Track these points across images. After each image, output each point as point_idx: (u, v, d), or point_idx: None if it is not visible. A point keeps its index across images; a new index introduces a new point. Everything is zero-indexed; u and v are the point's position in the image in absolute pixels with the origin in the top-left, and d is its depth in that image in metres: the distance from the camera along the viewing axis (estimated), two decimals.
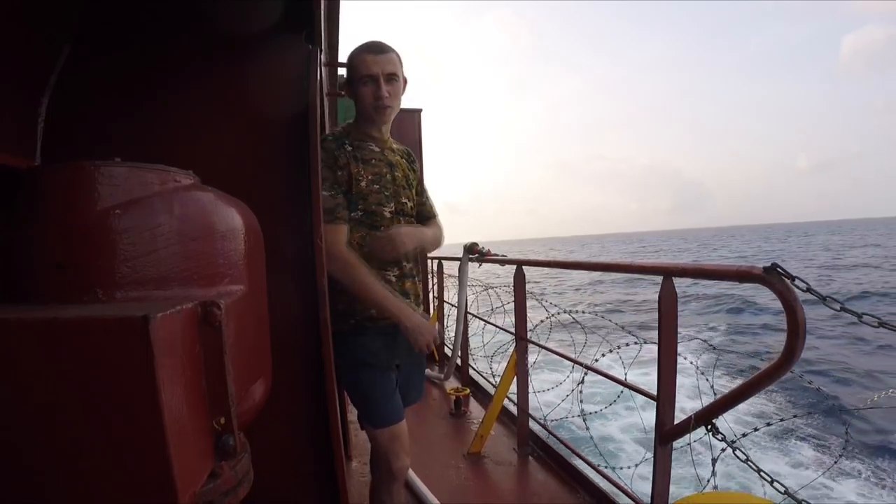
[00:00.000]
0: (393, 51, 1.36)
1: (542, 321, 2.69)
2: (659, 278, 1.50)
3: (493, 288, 3.84)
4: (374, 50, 1.34)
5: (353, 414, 2.82)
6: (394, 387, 1.39)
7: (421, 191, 1.54)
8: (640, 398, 1.73)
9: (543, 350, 2.53)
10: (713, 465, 1.39)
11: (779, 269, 1.07)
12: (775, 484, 1.25)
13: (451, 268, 3.85)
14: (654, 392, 1.55)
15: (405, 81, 1.41)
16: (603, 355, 2.10)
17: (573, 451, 2.34)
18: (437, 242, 1.54)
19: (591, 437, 2.23)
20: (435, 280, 4.51)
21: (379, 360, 1.36)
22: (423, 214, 1.54)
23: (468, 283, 3.19)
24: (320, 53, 1.33)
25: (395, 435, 1.36)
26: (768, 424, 1.80)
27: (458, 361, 3.69)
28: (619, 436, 6.50)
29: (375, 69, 1.32)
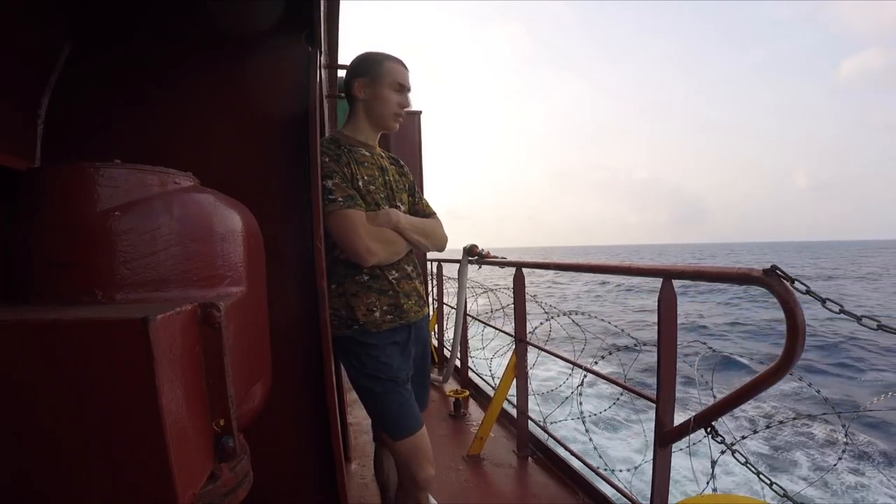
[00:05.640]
0: None
1: (541, 323, 2.69)
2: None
3: (492, 291, 3.84)
4: (404, 64, 1.41)
5: (352, 416, 2.82)
6: (409, 394, 1.38)
7: (414, 192, 1.55)
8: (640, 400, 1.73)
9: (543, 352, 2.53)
10: (712, 467, 1.39)
11: (778, 272, 1.07)
12: (774, 486, 1.25)
13: (450, 271, 3.85)
14: (654, 394, 1.55)
15: None
16: (602, 357, 2.10)
17: (573, 454, 2.33)
18: (438, 232, 1.52)
19: (591, 439, 2.23)
20: (434, 282, 4.51)
21: (393, 372, 1.35)
22: (420, 214, 1.53)
23: (467, 286, 3.19)
24: (320, 55, 1.33)
25: (417, 444, 1.35)
26: (768, 427, 1.80)
27: (458, 363, 3.68)
28: (618, 437, 6.50)
29: (407, 81, 1.40)
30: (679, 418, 1.46)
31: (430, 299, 4.57)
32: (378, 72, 1.38)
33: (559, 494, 2.15)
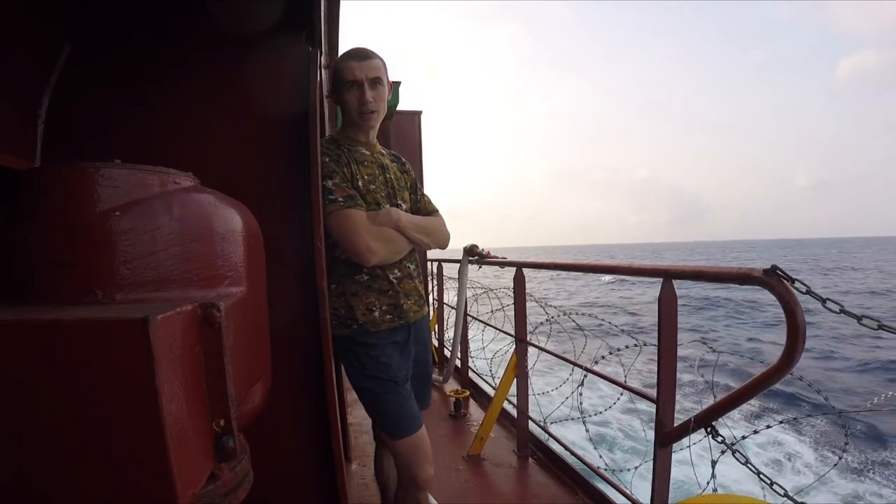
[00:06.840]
0: (377, 57, 1.37)
1: (541, 323, 2.69)
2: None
3: (493, 290, 3.84)
4: (357, 56, 1.35)
5: (352, 416, 2.82)
6: (409, 394, 1.38)
7: (416, 190, 1.55)
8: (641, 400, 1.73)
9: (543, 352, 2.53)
10: (713, 467, 1.39)
11: (779, 272, 1.07)
12: (775, 486, 1.24)
13: (451, 271, 3.85)
14: (654, 394, 1.55)
15: (391, 85, 1.43)
16: (603, 357, 2.10)
17: (573, 454, 2.33)
18: (440, 230, 1.51)
19: (591, 440, 2.23)
20: (435, 282, 4.50)
21: (393, 372, 1.35)
22: (422, 212, 1.53)
23: (468, 285, 3.19)
24: (320, 55, 1.33)
25: (416, 444, 1.35)
26: (768, 427, 1.79)
27: (458, 363, 3.68)
28: (618, 438, 6.50)
29: (359, 75, 1.33)
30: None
31: (431, 299, 4.57)
32: (336, 79, 1.38)
33: (559, 494, 2.15)
